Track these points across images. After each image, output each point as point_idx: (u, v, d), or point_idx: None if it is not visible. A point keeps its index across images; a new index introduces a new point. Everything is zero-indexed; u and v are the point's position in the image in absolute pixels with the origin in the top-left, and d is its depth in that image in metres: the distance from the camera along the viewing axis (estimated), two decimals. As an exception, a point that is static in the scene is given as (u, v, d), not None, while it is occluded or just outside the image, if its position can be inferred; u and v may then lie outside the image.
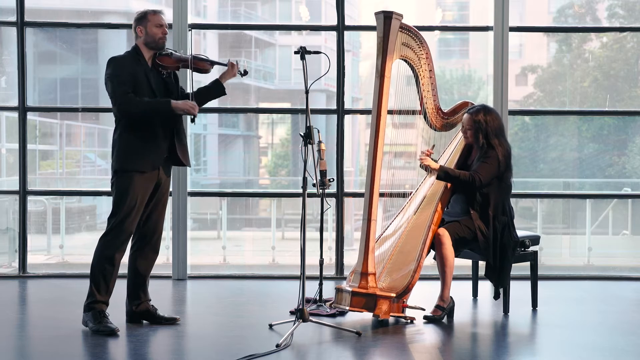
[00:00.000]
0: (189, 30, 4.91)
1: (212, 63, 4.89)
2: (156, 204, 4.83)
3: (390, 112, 5.13)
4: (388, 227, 5.37)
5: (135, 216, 4.70)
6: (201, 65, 4.83)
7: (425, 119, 5.32)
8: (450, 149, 5.50)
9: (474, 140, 5.20)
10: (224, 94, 4.97)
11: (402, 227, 5.25)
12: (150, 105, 4.66)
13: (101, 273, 4.67)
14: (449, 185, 5.23)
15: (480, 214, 5.12)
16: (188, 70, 4.80)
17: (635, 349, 4.40)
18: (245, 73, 4.96)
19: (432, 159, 5.29)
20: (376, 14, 5.06)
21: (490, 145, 5.13)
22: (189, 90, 4.87)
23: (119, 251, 4.69)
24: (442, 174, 5.11)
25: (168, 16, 6.63)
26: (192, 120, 4.77)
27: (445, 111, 5.37)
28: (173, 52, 4.84)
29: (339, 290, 5.03)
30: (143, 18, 4.79)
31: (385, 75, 5.01)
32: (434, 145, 5.37)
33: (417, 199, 5.35)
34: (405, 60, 5.21)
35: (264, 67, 15.22)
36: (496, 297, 5.29)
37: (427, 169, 5.23)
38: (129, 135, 4.68)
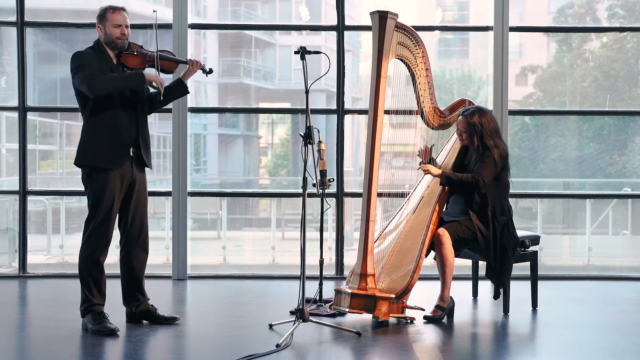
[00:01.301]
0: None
1: (177, 62, 4.83)
2: (137, 204, 4.79)
3: (387, 112, 5.13)
4: (387, 227, 5.37)
5: (114, 216, 4.67)
6: (167, 65, 4.77)
7: (422, 118, 5.31)
8: (447, 148, 5.50)
9: (469, 143, 5.20)
10: (187, 92, 4.95)
11: (400, 227, 5.25)
12: (122, 77, 4.60)
13: (91, 277, 4.66)
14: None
15: (479, 214, 5.12)
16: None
17: (635, 349, 4.40)
18: (210, 71, 4.91)
19: (431, 161, 5.30)
20: (371, 13, 5.06)
21: (486, 147, 5.12)
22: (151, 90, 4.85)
23: (103, 254, 4.67)
24: (445, 180, 5.10)
25: (168, 16, 6.63)
26: (160, 95, 4.70)
27: (442, 110, 5.36)
28: (138, 49, 4.73)
29: (338, 292, 5.03)
30: (102, 16, 4.69)
31: (382, 75, 5.02)
32: (433, 145, 5.37)
33: (416, 197, 5.35)
34: (402, 60, 5.21)
35: (264, 67, 15.20)
36: (496, 296, 5.29)
37: (421, 163, 5.24)
38: (95, 133, 4.63)
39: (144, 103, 4.79)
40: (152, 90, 4.81)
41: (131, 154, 4.70)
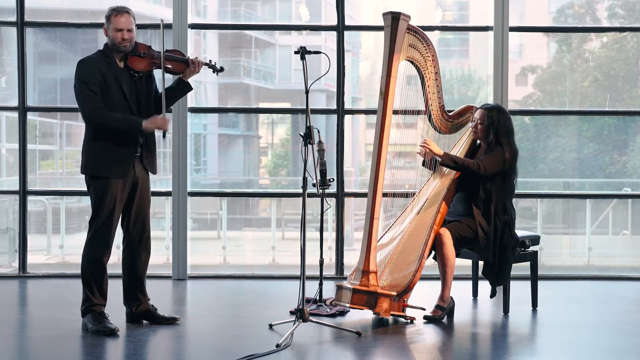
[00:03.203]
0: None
1: (185, 62, 4.76)
2: (140, 205, 4.78)
3: (395, 112, 5.13)
4: (390, 226, 5.37)
5: (116, 216, 4.67)
6: (174, 66, 4.72)
7: (429, 121, 5.32)
8: (455, 150, 5.49)
9: (484, 136, 5.20)
10: (190, 89, 4.89)
11: (404, 227, 5.25)
12: (121, 123, 4.57)
13: (93, 277, 4.66)
14: (452, 186, 5.22)
15: (482, 210, 5.12)
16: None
17: (635, 349, 4.40)
18: (221, 70, 4.91)
19: (434, 160, 5.28)
20: (384, 14, 5.07)
21: (498, 143, 5.14)
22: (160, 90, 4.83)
23: (106, 254, 4.67)
24: (447, 159, 5.10)
25: (168, 16, 6.63)
26: (164, 136, 4.69)
27: (450, 114, 5.37)
28: (145, 51, 4.67)
29: (340, 288, 5.03)
30: (107, 19, 4.65)
31: (392, 75, 5.03)
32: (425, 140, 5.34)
33: (420, 198, 5.35)
34: (412, 62, 5.22)
35: (264, 67, 15.20)
36: (492, 295, 5.29)
37: (425, 162, 5.24)
38: (99, 141, 4.61)
39: (149, 107, 4.77)
40: (160, 86, 4.76)
41: (136, 154, 4.70)
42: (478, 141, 5.35)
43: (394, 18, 5.03)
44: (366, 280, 4.92)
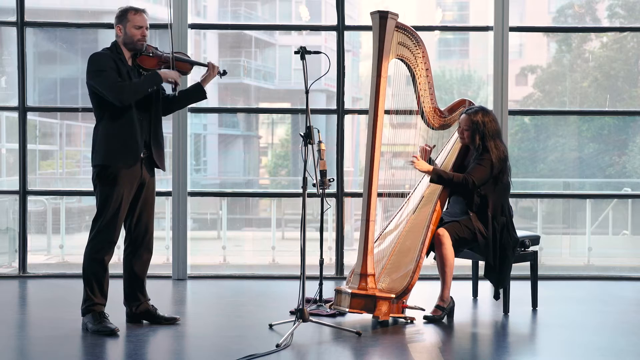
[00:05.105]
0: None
1: (192, 63, 4.81)
2: (144, 205, 4.78)
3: (387, 112, 5.13)
4: (387, 227, 5.37)
5: (121, 216, 4.66)
6: (182, 66, 4.75)
7: (422, 118, 5.31)
8: (447, 148, 5.50)
9: (470, 141, 5.20)
10: (205, 97, 4.90)
11: (400, 227, 5.25)
12: (143, 82, 4.59)
13: (94, 276, 4.65)
14: (446, 184, 5.23)
15: (479, 215, 5.11)
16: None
17: (635, 349, 4.40)
18: (225, 73, 4.93)
19: (430, 162, 5.29)
20: (372, 14, 5.07)
21: (485, 148, 5.11)
22: (168, 91, 4.84)
23: (108, 254, 4.67)
24: (435, 176, 5.10)
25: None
26: (174, 89, 4.70)
27: (442, 110, 5.36)
28: (153, 51, 4.71)
29: (338, 292, 5.03)
30: (123, 17, 4.65)
31: (382, 75, 5.02)
32: (434, 145, 5.37)
33: (415, 198, 5.35)
34: (402, 60, 5.21)
35: (264, 67, 15.21)
36: (496, 297, 5.29)
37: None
38: (109, 132, 4.61)
39: (158, 105, 4.78)
40: (169, 87, 4.78)
41: (142, 155, 4.69)
42: None
43: (381, 17, 5.02)
44: (364, 283, 4.92)
